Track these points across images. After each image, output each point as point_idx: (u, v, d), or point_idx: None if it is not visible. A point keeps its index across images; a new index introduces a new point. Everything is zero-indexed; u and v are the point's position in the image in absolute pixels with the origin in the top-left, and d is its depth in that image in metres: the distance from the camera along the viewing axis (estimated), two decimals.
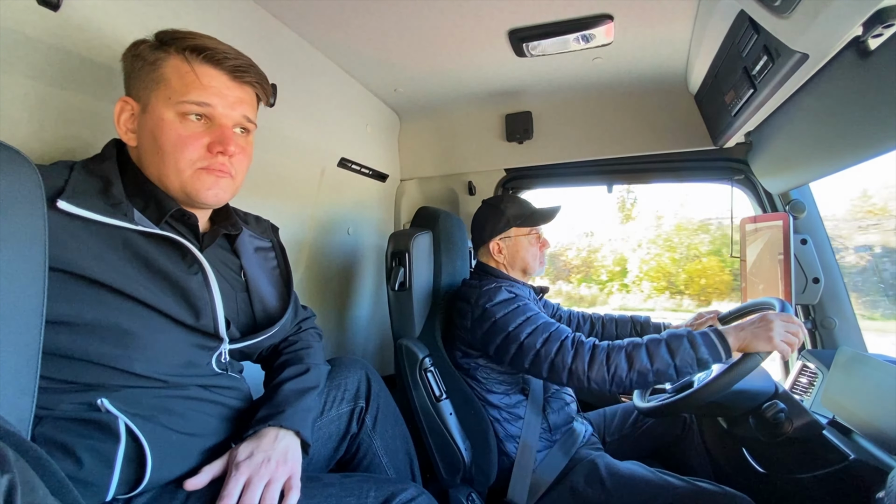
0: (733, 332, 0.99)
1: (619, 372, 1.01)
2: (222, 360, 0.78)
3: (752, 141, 1.47)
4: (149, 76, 0.70)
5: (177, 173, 0.71)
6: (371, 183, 1.89)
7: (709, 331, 1.01)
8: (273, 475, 0.68)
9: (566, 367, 1.05)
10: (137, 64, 0.71)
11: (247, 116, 0.77)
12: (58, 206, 0.60)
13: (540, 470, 1.20)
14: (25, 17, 0.69)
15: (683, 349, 0.99)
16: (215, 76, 0.72)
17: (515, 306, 1.18)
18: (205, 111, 0.72)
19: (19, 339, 0.41)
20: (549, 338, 1.10)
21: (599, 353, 1.04)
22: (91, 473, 0.61)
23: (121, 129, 0.72)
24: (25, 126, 0.75)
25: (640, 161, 1.74)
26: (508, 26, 1.23)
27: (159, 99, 0.70)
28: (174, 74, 0.70)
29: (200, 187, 0.73)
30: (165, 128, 0.69)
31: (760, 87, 0.99)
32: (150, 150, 0.71)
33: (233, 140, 0.74)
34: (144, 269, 0.68)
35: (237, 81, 0.75)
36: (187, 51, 0.70)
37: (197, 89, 0.70)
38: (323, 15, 1.16)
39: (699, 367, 0.99)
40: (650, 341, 1.03)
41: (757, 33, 0.92)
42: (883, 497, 0.71)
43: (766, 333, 0.95)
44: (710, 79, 1.31)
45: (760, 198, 1.56)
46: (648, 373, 1.00)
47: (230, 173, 0.75)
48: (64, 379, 0.61)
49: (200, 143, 0.71)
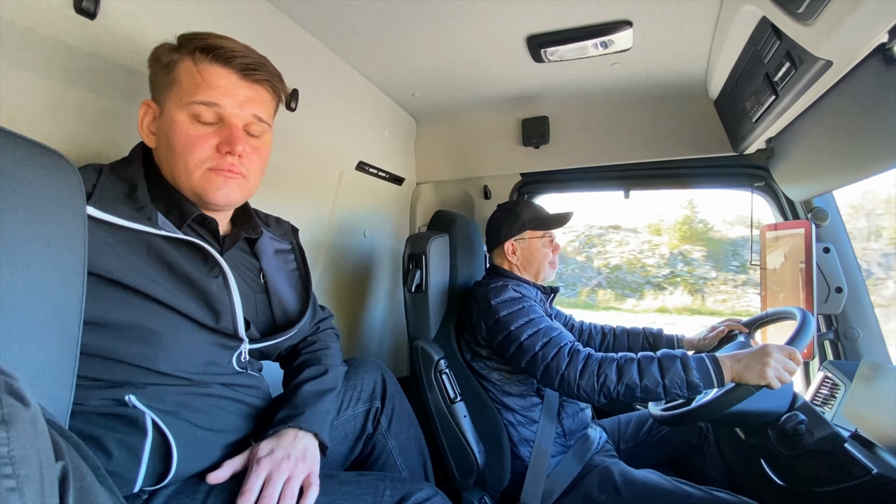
0: (729, 360, 1.00)
1: (608, 383, 1.03)
2: (242, 359, 0.79)
3: (773, 147, 1.45)
4: (165, 79, 0.72)
5: (187, 174, 0.72)
6: (388, 186, 1.91)
7: (705, 356, 1.02)
8: (293, 472, 0.70)
9: (559, 372, 1.08)
10: (156, 67, 0.73)
11: (257, 115, 0.76)
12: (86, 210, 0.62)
13: (553, 475, 1.20)
14: (64, 25, 0.72)
15: (675, 370, 1.00)
16: (224, 75, 0.72)
17: (520, 306, 1.20)
18: (214, 111, 0.71)
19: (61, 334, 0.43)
20: (549, 342, 1.12)
21: (592, 363, 1.06)
22: (120, 465, 0.63)
23: (143, 131, 0.74)
24: (62, 129, 0.78)
25: (657, 167, 1.73)
26: (527, 32, 1.23)
27: (172, 101, 0.71)
28: (185, 75, 0.71)
29: (210, 188, 0.73)
30: (177, 129, 0.70)
31: (782, 94, 0.98)
32: (165, 151, 0.72)
33: (241, 140, 0.73)
34: (167, 272, 0.70)
35: (247, 80, 0.74)
36: (198, 51, 0.71)
37: (204, 89, 0.70)
38: (344, 21, 1.19)
39: (689, 389, 1.00)
40: (644, 357, 1.04)
41: (779, 40, 0.91)
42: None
43: (761, 367, 0.95)
44: (731, 85, 1.30)
45: (782, 205, 1.54)
46: (636, 387, 1.01)
47: (241, 173, 0.75)
48: (93, 376, 0.63)
49: (209, 144, 0.72)
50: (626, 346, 1.53)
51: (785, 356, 0.96)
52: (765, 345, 0.99)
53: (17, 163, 0.41)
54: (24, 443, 0.25)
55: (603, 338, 1.57)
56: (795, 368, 0.96)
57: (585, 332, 1.59)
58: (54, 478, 0.28)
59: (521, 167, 1.91)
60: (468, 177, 2.02)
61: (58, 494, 0.28)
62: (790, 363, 0.96)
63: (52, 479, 0.28)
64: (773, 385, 0.94)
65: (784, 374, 0.95)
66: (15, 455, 0.25)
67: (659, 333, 1.50)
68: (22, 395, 0.27)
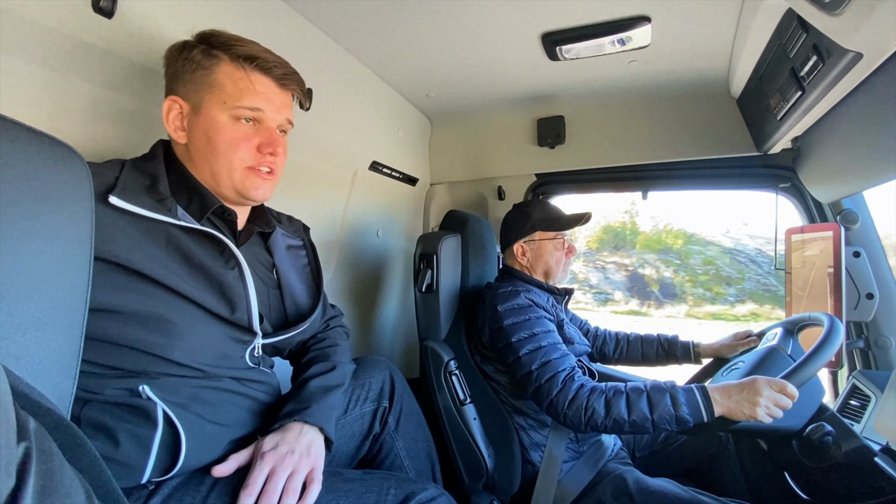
0: (720, 394, 0.97)
1: (595, 417, 1.02)
2: (255, 354, 0.81)
3: (799, 147, 1.40)
4: (203, 80, 0.75)
5: (230, 172, 0.76)
6: (401, 186, 1.91)
7: (695, 388, 0.99)
8: (296, 466, 0.70)
9: (549, 397, 1.07)
10: (189, 66, 0.75)
11: (288, 119, 0.83)
12: (109, 201, 0.64)
13: (565, 481, 1.17)
14: (82, 23, 0.74)
15: (664, 405, 0.98)
16: (265, 83, 0.78)
17: (526, 317, 1.18)
18: (255, 115, 0.77)
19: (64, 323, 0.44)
20: (546, 364, 1.11)
21: (582, 395, 1.05)
22: (129, 455, 0.64)
23: (169, 126, 0.76)
24: (80, 126, 0.80)
25: (677, 167, 1.68)
26: (542, 30, 1.22)
27: (213, 102, 0.75)
28: (228, 80, 0.75)
29: (250, 186, 0.78)
30: (220, 129, 0.75)
31: (809, 90, 0.94)
32: (202, 149, 0.76)
33: (279, 142, 0.80)
34: (185, 263, 0.71)
35: (282, 88, 0.81)
36: (241, 58, 0.76)
37: (251, 95, 0.76)
38: (359, 21, 1.19)
39: (678, 424, 0.97)
40: (633, 390, 1.02)
41: (806, 32, 0.87)
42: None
43: (750, 405, 0.93)
44: (755, 81, 1.25)
45: (808, 207, 1.48)
46: (624, 423, 1.00)
47: (274, 172, 0.82)
48: (110, 365, 0.65)
49: (251, 144, 0.77)
50: (641, 353, 1.50)
51: (775, 391, 0.93)
52: (755, 379, 0.96)
53: (27, 154, 0.42)
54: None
55: (616, 344, 1.54)
56: (788, 403, 0.93)
57: (600, 338, 1.56)
58: (13, 458, 0.28)
59: (535, 167, 1.88)
60: (482, 177, 2.01)
61: (15, 475, 0.28)
62: (782, 398, 0.93)
63: (9, 459, 0.28)
64: (764, 422, 0.92)
65: (775, 410, 0.93)
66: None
67: (674, 340, 1.46)
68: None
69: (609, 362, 1.56)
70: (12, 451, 0.28)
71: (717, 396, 0.97)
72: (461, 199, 2.11)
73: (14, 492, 0.28)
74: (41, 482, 0.29)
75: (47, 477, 0.30)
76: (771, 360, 1.09)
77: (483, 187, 2.03)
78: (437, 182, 2.10)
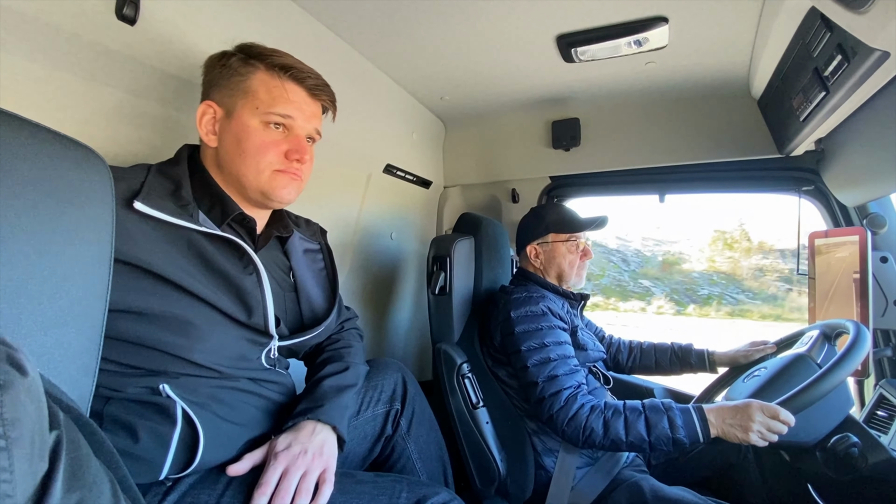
0: (716, 416, 0.98)
1: (593, 436, 1.04)
2: (271, 356, 0.82)
3: (823, 148, 1.36)
4: (238, 86, 0.78)
5: (256, 174, 0.78)
6: (415, 189, 1.92)
7: (692, 409, 1.00)
8: (309, 466, 0.71)
9: (550, 412, 1.09)
10: (226, 73, 0.78)
11: (317, 129, 0.86)
12: (134, 206, 0.66)
13: (579, 487, 1.15)
14: (106, 30, 0.76)
15: (661, 427, 1.00)
16: (298, 92, 0.81)
17: (538, 326, 1.18)
18: (286, 122, 0.80)
19: (85, 323, 0.45)
20: (552, 379, 1.12)
21: (582, 414, 1.06)
22: (148, 451, 0.65)
23: (202, 129, 0.79)
24: (103, 130, 0.83)
25: (696, 170, 1.65)
26: (557, 31, 1.21)
27: (246, 108, 0.78)
28: (262, 87, 0.78)
29: (276, 186, 0.80)
30: (251, 134, 0.78)
31: (833, 90, 0.92)
32: (231, 152, 0.78)
33: (307, 149, 0.82)
34: (205, 267, 0.73)
35: (314, 98, 0.84)
36: (276, 68, 0.79)
37: (283, 103, 0.79)
38: (375, 25, 1.20)
39: (674, 446, 0.99)
40: (631, 411, 1.04)
41: (830, 31, 0.85)
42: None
43: (743, 432, 0.94)
44: (776, 82, 1.22)
45: (833, 210, 1.43)
46: (622, 443, 1.02)
47: (301, 177, 0.84)
48: (132, 364, 0.67)
49: (279, 150, 0.79)
50: (654, 362, 1.48)
51: (768, 416, 0.93)
52: (748, 403, 0.96)
53: (51, 157, 0.43)
54: (17, 408, 0.27)
55: (630, 353, 1.53)
56: (782, 428, 0.92)
57: (614, 347, 1.55)
58: (46, 445, 0.30)
59: (550, 170, 1.87)
60: (496, 180, 2.00)
61: (48, 460, 0.30)
62: (775, 424, 0.93)
63: (42, 445, 0.30)
64: (758, 445, 0.93)
65: (769, 435, 0.93)
66: (7, 418, 0.26)
67: (688, 348, 1.44)
68: (21, 365, 0.29)
69: (623, 371, 1.55)
70: (46, 437, 0.30)
71: (713, 419, 0.98)
72: (475, 202, 2.11)
73: (47, 475, 0.29)
74: (71, 468, 0.31)
75: (76, 464, 0.31)
76: (795, 368, 1.05)
77: (497, 190, 2.02)
78: (450, 185, 2.10)
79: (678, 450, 1.00)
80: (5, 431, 0.26)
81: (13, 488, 0.26)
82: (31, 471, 0.28)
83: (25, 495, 0.27)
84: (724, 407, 0.99)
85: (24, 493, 0.27)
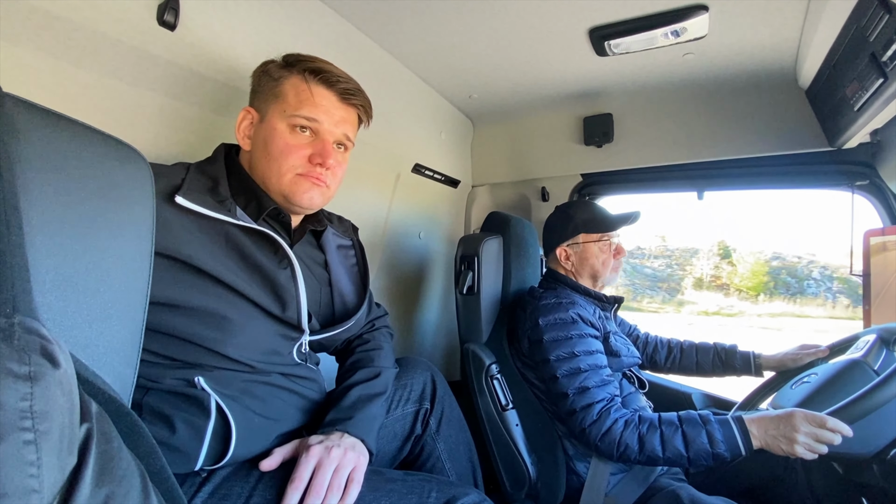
0: (758, 427, 0.93)
1: (629, 452, 1.01)
2: (302, 350, 0.83)
3: (880, 140, 1.27)
4: (271, 91, 0.80)
5: (278, 176, 0.79)
6: (443, 188, 1.91)
7: (732, 422, 0.94)
8: (341, 461, 0.71)
9: (582, 426, 1.06)
10: (264, 79, 0.81)
11: (347, 135, 0.85)
12: (175, 200, 0.68)
13: (613, 494, 1.11)
14: (148, 36, 0.79)
15: (700, 442, 0.96)
16: (326, 96, 0.81)
17: (568, 335, 1.13)
18: (312, 125, 0.80)
19: (127, 315, 0.46)
20: (584, 392, 1.07)
21: (616, 430, 1.03)
22: (184, 442, 0.67)
23: (239, 134, 0.82)
24: (145, 132, 0.86)
25: (737, 165, 1.57)
26: (589, 24, 1.18)
27: (276, 111, 0.79)
28: (291, 91, 0.79)
29: (297, 190, 0.80)
30: (276, 136, 0.79)
31: (893, 76, 0.85)
32: (260, 154, 0.80)
33: (332, 154, 0.81)
34: (241, 261, 0.75)
35: (344, 103, 0.83)
36: (307, 72, 0.79)
37: (309, 106, 0.79)
38: (403, 24, 1.20)
39: (714, 460, 0.94)
40: (667, 425, 1.00)
41: (888, 13, 0.79)
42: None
43: (788, 443, 0.89)
44: (827, 70, 1.15)
45: (890, 206, 1.33)
46: (658, 459, 0.99)
47: (326, 183, 0.82)
48: (170, 356, 0.70)
49: (303, 153, 0.79)
50: (696, 363, 1.40)
51: (815, 427, 0.87)
52: (792, 413, 0.90)
53: (97, 156, 0.45)
54: (48, 400, 0.27)
55: (669, 352, 1.45)
56: (832, 438, 0.86)
57: (651, 345, 1.48)
58: (75, 438, 0.30)
59: (581, 167, 1.82)
60: (525, 178, 1.97)
61: (77, 454, 0.29)
62: (824, 433, 0.86)
63: (72, 438, 0.29)
64: (805, 458, 0.87)
65: (817, 446, 0.87)
66: (36, 410, 0.26)
67: (732, 349, 1.36)
68: (54, 357, 0.29)
69: (660, 371, 1.48)
70: (75, 431, 0.30)
71: (755, 430, 0.93)
72: (503, 200, 2.09)
73: (76, 470, 0.29)
74: (101, 462, 0.30)
75: (106, 458, 0.31)
76: (850, 375, 0.98)
77: (526, 188, 1.99)
78: (478, 184, 2.09)
79: (718, 463, 0.94)
80: (34, 424, 0.25)
81: (40, 483, 0.25)
82: (60, 465, 0.27)
83: (53, 490, 0.27)
84: (766, 417, 0.94)
85: (52, 488, 0.26)
